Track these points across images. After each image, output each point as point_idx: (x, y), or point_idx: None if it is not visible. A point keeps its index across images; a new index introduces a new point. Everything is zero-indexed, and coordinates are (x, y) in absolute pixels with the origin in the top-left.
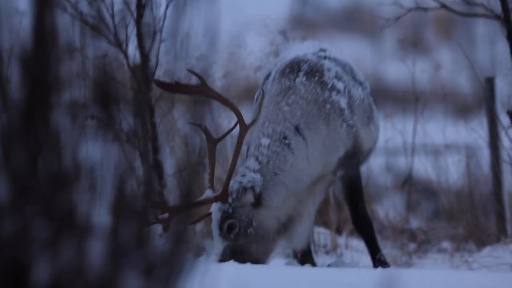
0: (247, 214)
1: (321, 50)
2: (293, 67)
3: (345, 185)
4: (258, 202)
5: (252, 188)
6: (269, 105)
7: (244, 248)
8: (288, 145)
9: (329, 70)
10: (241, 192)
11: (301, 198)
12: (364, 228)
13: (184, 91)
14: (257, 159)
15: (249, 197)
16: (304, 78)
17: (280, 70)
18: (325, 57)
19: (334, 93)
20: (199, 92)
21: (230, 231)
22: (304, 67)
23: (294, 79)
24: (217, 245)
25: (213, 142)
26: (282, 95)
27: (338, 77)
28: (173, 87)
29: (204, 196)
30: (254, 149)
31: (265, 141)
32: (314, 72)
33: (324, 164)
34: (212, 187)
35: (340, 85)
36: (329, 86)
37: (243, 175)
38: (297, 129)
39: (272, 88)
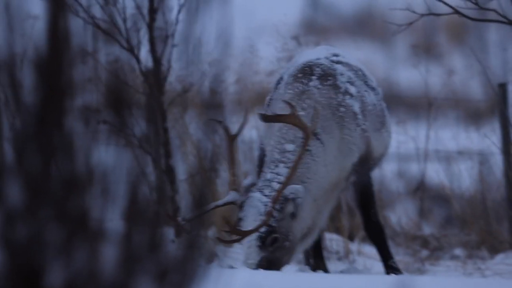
0: (286, 227)
1: (334, 55)
2: (306, 71)
3: (357, 191)
4: (293, 213)
5: (294, 199)
6: (283, 110)
7: (277, 259)
8: (310, 151)
9: (342, 74)
10: (284, 203)
11: (320, 207)
12: (376, 234)
13: (280, 120)
14: (286, 165)
15: (290, 208)
16: (317, 82)
17: (293, 75)
18: (337, 62)
19: (347, 97)
20: (290, 120)
21: (272, 244)
22: (317, 71)
23: (308, 83)
24: (253, 255)
25: (231, 138)
26: (296, 100)
27: (350, 82)
28: (272, 118)
29: (229, 198)
30: (278, 155)
31: (289, 146)
32: (327, 76)
33: (339, 170)
34: (235, 188)
35: (353, 90)
36: (342, 90)
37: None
38: (315, 134)
39: (285, 93)
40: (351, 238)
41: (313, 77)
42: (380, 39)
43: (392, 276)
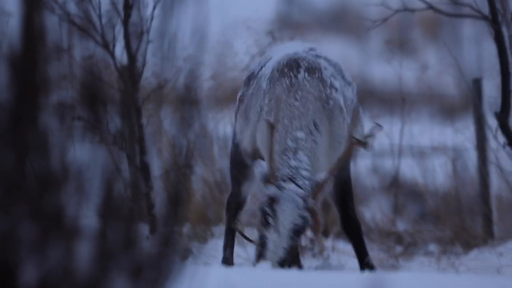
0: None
1: (311, 49)
2: (291, 65)
3: (337, 186)
4: None
5: None
6: (275, 104)
7: (297, 245)
8: (315, 142)
9: (325, 68)
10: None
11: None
12: (353, 230)
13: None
14: (304, 153)
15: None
16: (306, 74)
17: (278, 69)
18: (318, 56)
19: (333, 91)
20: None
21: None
22: (303, 64)
23: (296, 76)
24: (280, 247)
25: (272, 128)
26: (286, 92)
27: (334, 76)
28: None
29: (269, 193)
30: (292, 142)
31: (300, 134)
32: (314, 69)
33: (329, 164)
34: (273, 182)
35: (337, 84)
36: (329, 84)
37: (307, 170)
38: (315, 124)
39: (272, 88)
40: (325, 234)
41: (301, 69)
42: (354, 35)
43: (367, 273)
